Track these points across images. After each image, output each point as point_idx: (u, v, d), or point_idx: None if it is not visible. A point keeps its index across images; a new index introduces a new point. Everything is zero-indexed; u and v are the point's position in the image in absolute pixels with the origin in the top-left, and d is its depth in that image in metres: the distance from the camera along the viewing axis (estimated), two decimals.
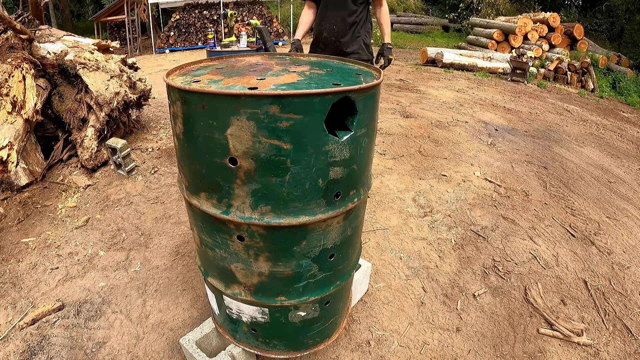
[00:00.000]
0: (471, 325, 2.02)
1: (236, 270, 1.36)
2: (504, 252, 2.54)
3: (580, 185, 3.54)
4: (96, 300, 2.11)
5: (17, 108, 2.73)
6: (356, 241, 1.53)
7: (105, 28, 14.07)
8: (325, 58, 1.63)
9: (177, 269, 2.32)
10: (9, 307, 2.07)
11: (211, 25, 12.32)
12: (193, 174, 1.25)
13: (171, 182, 3.14)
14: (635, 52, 11.06)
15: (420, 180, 3.34)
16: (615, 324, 2.08)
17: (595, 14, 14.36)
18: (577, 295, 2.24)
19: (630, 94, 7.46)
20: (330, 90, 1.07)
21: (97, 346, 1.86)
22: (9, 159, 2.54)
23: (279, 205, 1.19)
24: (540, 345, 1.93)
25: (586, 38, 9.96)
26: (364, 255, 2.43)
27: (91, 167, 3.13)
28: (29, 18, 3.42)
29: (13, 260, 2.39)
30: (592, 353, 1.91)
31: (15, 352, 1.83)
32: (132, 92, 3.47)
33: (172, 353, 1.82)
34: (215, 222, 1.29)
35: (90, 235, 2.60)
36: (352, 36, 2.62)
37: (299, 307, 1.45)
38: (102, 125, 3.13)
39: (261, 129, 1.07)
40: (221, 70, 1.37)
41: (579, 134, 5.10)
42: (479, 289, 2.24)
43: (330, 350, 1.84)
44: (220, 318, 1.63)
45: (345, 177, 1.23)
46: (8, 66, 2.78)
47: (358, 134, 1.20)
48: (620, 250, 2.66)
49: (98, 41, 3.60)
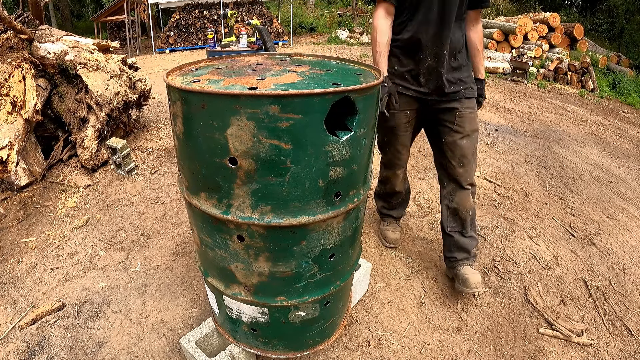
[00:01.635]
0: (471, 325, 2.02)
1: (236, 270, 1.36)
2: (504, 252, 2.54)
3: (580, 185, 3.54)
4: (96, 300, 2.11)
5: (17, 108, 2.73)
6: (356, 241, 1.53)
7: (105, 28, 14.08)
8: (325, 58, 1.63)
9: (177, 269, 2.32)
10: (9, 307, 2.07)
11: (211, 25, 12.33)
12: (193, 174, 1.25)
13: (171, 182, 3.14)
14: (635, 52, 11.06)
15: (420, 180, 3.33)
16: (615, 324, 2.08)
17: (595, 14, 14.36)
18: (577, 295, 2.24)
19: (630, 94, 7.46)
20: (330, 90, 1.07)
21: (97, 346, 1.86)
22: (9, 159, 2.54)
23: (279, 205, 1.19)
24: (540, 345, 1.93)
25: (586, 38, 9.96)
26: (364, 255, 2.43)
27: (91, 167, 3.13)
28: (29, 18, 3.42)
29: (13, 260, 2.39)
30: (592, 353, 1.91)
31: (15, 352, 1.83)
32: (132, 92, 3.47)
33: (172, 353, 1.82)
34: (215, 222, 1.29)
35: (90, 235, 2.60)
36: (457, 62, 1.94)
37: (299, 307, 1.45)
38: (102, 125, 3.13)
39: (261, 129, 1.07)
40: (221, 70, 1.37)
41: (579, 134, 5.09)
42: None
43: (330, 350, 1.84)
44: (220, 318, 1.63)
45: (345, 177, 1.23)
46: (8, 66, 2.78)
47: (358, 134, 1.20)
48: (620, 250, 2.65)
49: (98, 41, 3.60)
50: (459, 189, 2.09)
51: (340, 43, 12.91)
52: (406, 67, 1.96)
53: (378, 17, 1.91)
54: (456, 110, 1.98)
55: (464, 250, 2.13)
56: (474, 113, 2.02)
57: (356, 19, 14.76)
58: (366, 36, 13.23)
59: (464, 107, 1.99)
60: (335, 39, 13.26)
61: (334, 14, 16.49)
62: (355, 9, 15.32)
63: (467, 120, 1.99)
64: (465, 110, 1.99)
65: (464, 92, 1.97)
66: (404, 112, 2.07)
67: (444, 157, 2.08)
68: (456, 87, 1.95)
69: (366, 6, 17.58)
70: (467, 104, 1.99)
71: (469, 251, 2.14)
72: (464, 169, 2.06)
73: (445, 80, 1.91)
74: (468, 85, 1.98)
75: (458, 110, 1.98)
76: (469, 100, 2.00)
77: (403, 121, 2.10)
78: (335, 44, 12.79)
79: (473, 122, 2.01)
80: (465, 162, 2.05)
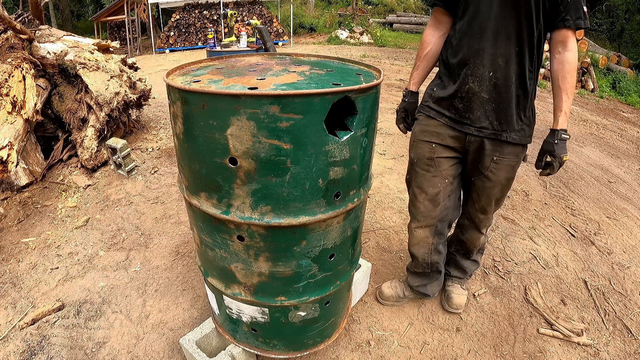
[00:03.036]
0: (471, 325, 2.02)
1: (236, 270, 1.36)
2: (504, 252, 2.54)
3: (580, 185, 3.54)
4: (96, 300, 2.11)
5: (17, 108, 2.73)
6: (356, 241, 1.53)
7: (105, 28, 14.08)
8: (325, 58, 1.63)
9: (177, 269, 2.32)
10: (9, 307, 2.07)
11: (211, 25, 12.33)
12: (193, 174, 1.25)
13: (171, 182, 3.14)
14: (635, 52, 11.06)
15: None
16: (615, 324, 2.08)
17: (595, 14, 14.36)
18: (577, 295, 2.24)
19: (630, 94, 7.46)
20: (330, 90, 1.07)
21: (97, 346, 1.86)
22: (9, 159, 2.54)
23: (279, 205, 1.19)
24: (540, 345, 1.93)
25: (586, 38, 9.96)
26: (364, 255, 2.43)
27: (91, 167, 3.13)
28: (29, 18, 3.42)
29: (13, 260, 2.39)
30: (592, 353, 1.91)
31: (15, 352, 1.83)
32: (132, 92, 3.47)
33: (172, 353, 1.82)
34: (215, 222, 1.29)
35: (90, 235, 2.60)
36: (520, 97, 1.52)
37: (299, 307, 1.45)
38: (102, 125, 3.13)
39: (261, 129, 1.06)
40: (221, 70, 1.37)
41: (579, 134, 5.09)
42: (479, 289, 2.24)
43: (330, 350, 1.84)
44: (220, 318, 1.63)
45: (345, 177, 1.23)
46: (8, 66, 2.78)
47: (358, 134, 1.20)
48: (620, 250, 2.65)
49: (98, 41, 3.59)
50: (473, 229, 1.87)
51: (340, 43, 12.91)
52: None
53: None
54: (494, 155, 1.61)
55: (462, 270, 2.05)
56: (515, 161, 1.63)
57: (356, 19, 14.76)
58: (366, 36, 13.23)
59: (503, 154, 1.61)
60: (335, 39, 13.25)
61: (334, 14, 16.48)
62: (355, 9, 15.31)
63: (504, 169, 1.64)
64: (505, 157, 1.62)
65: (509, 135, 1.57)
66: (429, 144, 1.68)
67: (467, 194, 1.81)
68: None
69: (366, 6, 17.58)
70: (508, 150, 1.61)
71: (466, 272, 2.05)
72: (486, 216, 1.79)
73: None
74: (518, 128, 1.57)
75: (496, 156, 1.61)
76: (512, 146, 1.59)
77: (426, 155, 1.69)
78: (335, 44, 12.79)
79: (511, 171, 1.65)
80: (489, 210, 1.76)
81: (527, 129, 1.59)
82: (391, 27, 15.43)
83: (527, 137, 1.60)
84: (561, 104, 1.49)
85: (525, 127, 1.57)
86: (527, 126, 1.58)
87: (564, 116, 1.49)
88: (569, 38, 1.44)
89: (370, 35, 13.28)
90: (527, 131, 1.59)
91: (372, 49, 11.69)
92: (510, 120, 1.54)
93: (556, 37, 1.46)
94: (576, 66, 1.47)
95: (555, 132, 1.51)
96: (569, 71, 1.46)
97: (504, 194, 1.72)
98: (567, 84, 1.46)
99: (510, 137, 1.56)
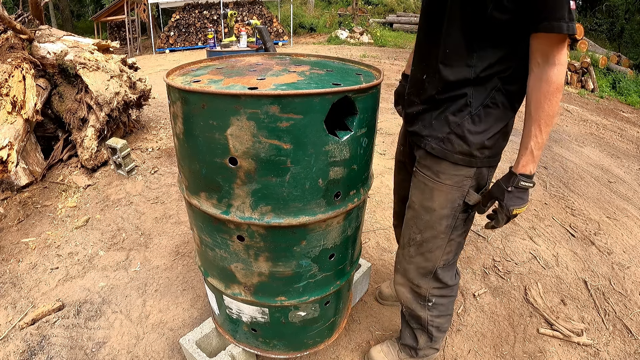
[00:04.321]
0: (471, 325, 2.02)
1: (236, 270, 1.36)
2: (504, 252, 2.54)
3: (580, 185, 3.54)
4: (96, 300, 2.11)
5: (17, 108, 2.73)
6: (356, 241, 1.53)
7: (105, 28, 14.09)
8: (325, 58, 1.63)
9: (177, 269, 2.32)
10: (9, 307, 2.07)
11: (211, 25, 12.33)
12: (193, 174, 1.25)
13: (171, 182, 3.14)
14: (635, 52, 11.06)
15: None
16: (615, 324, 2.08)
17: (595, 14, 14.36)
18: (577, 295, 2.24)
19: (630, 94, 7.46)
20: (330, 90, 1.07)
21: (97, 346, 1.86)
22: (9, 159, 2.54)
23: (279, 205, 1.19)
24: (540, 345, 1.93)
25: (586, 38, 9.96)
26: (364, 255, 2.43)
27: (91, 167, 3.13)
28: (29, 18, 3.43)
29: (13, 260, 2.39)
30: (592, 353, 1.91)
31: (15, 352, 1.83)
32: (132, 92, 3.47)
33: (172, 353, 1.82)
34: (215, 222, 1.29)
35: (90, 235, 2.60)
36: (435, 105, 1.22)
37: (299, 307, 1.45)
38: (102, 125, 3.13)
39: (261, 129, 1.06)
40: (221, 70, 1.37)
41: (579, 134, 5.09)
42: (479, 289, 2.24)
43: (330, 350, 1.84)
44: (220, 318, 1.63)
45: (345, 177, 1.23)
46: (8, 66, 2.78)
47: (358, 133, 1.19)
48: (620, 250, 2.65)
49: (98, 41, 3.59)
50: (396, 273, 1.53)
51: (340, 43, 12.91)
52: None
53: None
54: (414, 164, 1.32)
55: (402, 332, 1.65)
56: (434, 182, 1.25)
57: (356, 19, 14.76)
58: (366, 36, 13.23)
59: (420, 164, 1.29)
60: (335, 39, 13.26)
61: (334, 14, 16.49)
62: (355, 9, 15.32)
63: (418, 187, 1.30)
64: (421, 170, 1.30)
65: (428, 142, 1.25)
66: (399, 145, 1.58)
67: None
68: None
69: (366, 6, 17.58)
70: (426, 161, 1.27)
71: (400, 338, 1.68)
72: (401, 251, 1.46)
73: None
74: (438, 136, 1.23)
75: (415, 166, 1.32)
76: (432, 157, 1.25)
77: (396, 157, 1.63)
78: (335, 44, 12.79)
79: (427, 194, 1.27)
80: (404, 243, 1.41)
81: (461, 143, 1.18)
82: (391, 27, 15.43)
83: (458, 154, 1.19)
84: (528, 139, 1.09)
85: (454, 138, 1.18)
86: (460, 139, 1.18)
87: (528, 156, 1.10)
88: (543, 44, 1.04)
89: (370, 35, 13.29)
90: (461, 146, 1.18)
91: (372, 49, 11.69)
92: (435, 123, 1.22)
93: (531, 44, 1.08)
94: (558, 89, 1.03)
95: (513, 177, 1.13)
96: (544, 93, 1.03)
97: (418, 228, 1.32)
98: (541, 107, 1.05)
99: (429, 145, 1.24)
